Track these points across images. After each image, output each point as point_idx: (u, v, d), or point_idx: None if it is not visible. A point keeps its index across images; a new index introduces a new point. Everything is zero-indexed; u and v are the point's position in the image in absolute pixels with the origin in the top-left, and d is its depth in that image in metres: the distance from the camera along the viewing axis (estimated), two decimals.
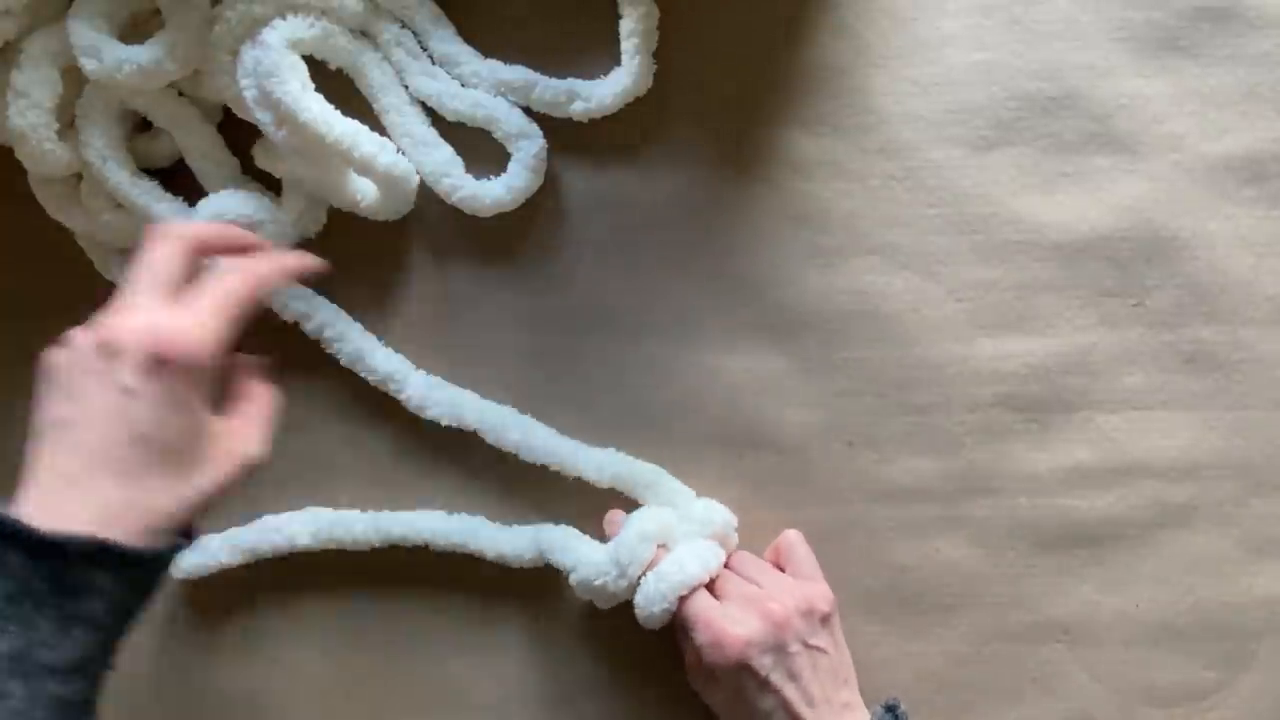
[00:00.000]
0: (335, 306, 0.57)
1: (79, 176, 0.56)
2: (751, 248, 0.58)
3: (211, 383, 0.43)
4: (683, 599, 0.51)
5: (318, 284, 0.58)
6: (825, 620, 0.51)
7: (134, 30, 0.54)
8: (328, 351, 0.57)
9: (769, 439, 0.57)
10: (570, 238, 0.58)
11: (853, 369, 0.57)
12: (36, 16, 0.53)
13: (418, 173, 0.57)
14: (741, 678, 0.49)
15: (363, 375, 0.57)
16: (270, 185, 0.58)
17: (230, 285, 0.43)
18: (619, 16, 0.55)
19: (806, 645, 0.50)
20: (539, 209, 0.58)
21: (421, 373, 0.57)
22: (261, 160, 0.56)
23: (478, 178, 0.57)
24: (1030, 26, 0.57)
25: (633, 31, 0.55)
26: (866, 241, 0.57)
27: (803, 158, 0.57)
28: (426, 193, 0.57)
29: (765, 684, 0.49)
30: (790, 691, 0.49)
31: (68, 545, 0.38)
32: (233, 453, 0.44)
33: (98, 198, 0.56)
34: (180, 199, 0.56)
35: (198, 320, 0.42)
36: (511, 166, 0.56)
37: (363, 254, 0.58)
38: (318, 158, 0.54)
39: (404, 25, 0.57)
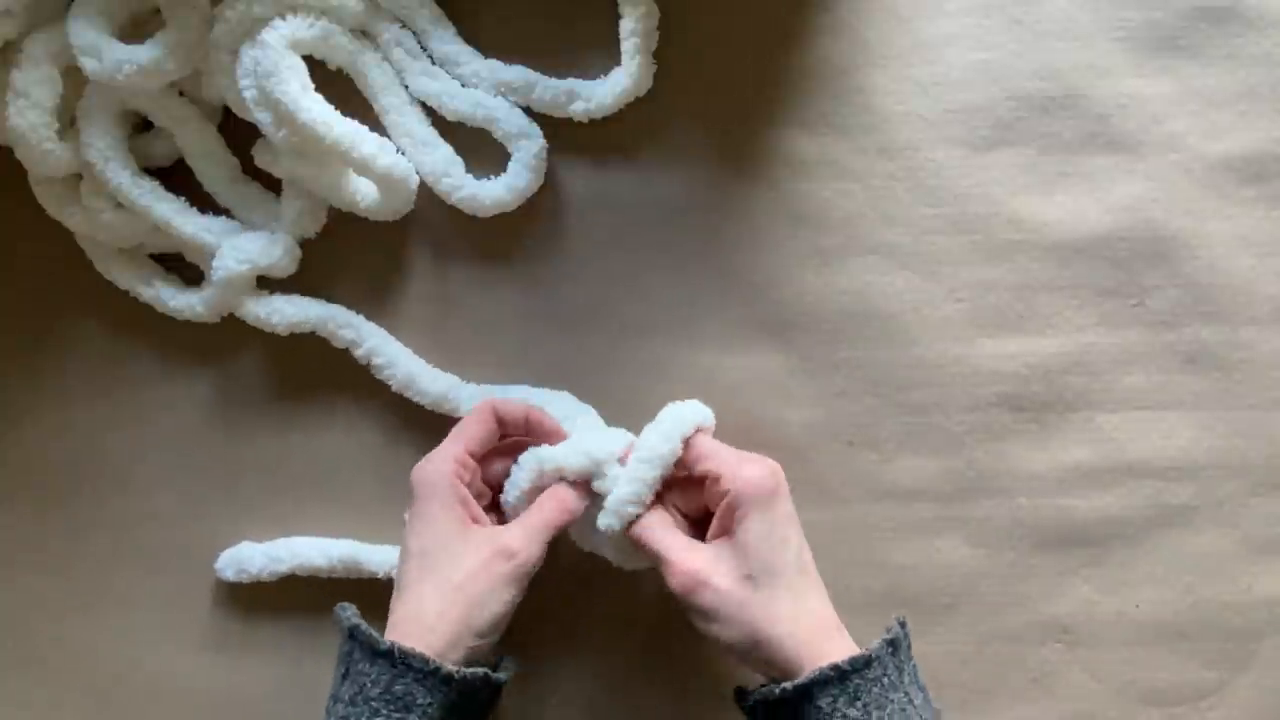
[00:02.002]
0: (383, 332, 0.57)
1: (79, 176, 0.56)
2: (751, 248, 0.58)
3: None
4: (688, 443, 0.51)
5: (317, 285, 0.58)
6: None
7: (134, 30, 0.54)
8: (378, 378, 0.57)
9: (769, 439, 0.57)
10: (570, 238, 0.58)
11: (853, 369, 0.57)
12: (36, 16, 0.53)
13: (418, 173, 0.57)
14: (777, 505, 0.49)
15: (415, 399, 0.56)
16: (270, 185, 0.58)
17: (550, 516, 0.50)
18: (619, 16, 0.55)
19: None
20: (539, 209, 0.58)
21: (472, 385, 0.56)
22: (261, 160, 0.56)
23: (478, 178, 0.57)
24: (1030, 26, 0.57)
25: (633, 31, 0.55)
26: (866, 241, 0.57)
27: (803, 158, 0.57)
28: (426, 193, 0.57)
29: (791, 515, 0.50)
30: (799, 528, 0.50)
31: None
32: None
33: (98, 198, 0.56)
34: (182, 199, 0.56)
35: (524, 532, 0.50)
36: (511, 166, 0.56)
37: (363, 254, 0.58)
38: (317, 158, 0.54)
39: (404, 25, 0.57)
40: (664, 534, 0.50)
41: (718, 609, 0.47)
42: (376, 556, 0.57)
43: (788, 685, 0.46)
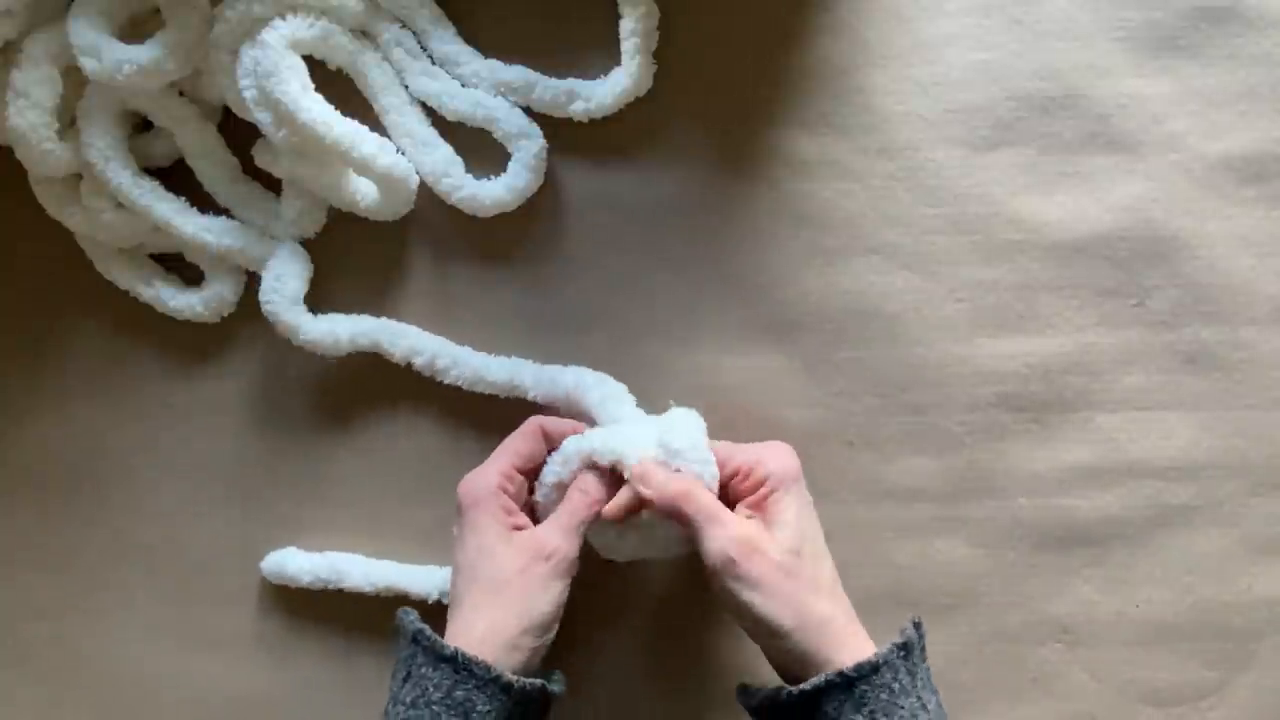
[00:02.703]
0: (440, 338, 0.57)
1: (79, 176, 0.56)
2: (751, 248, 0.58)
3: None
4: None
5: (318, 285, 0.58)
6: None
7: (134, 30, 0.54)
8: (444, 381, 0.56)
9: (769, 439, 0.57)
10: (570, 238, 0.58)
11: (853, 369, 0.57)
12: (36, 16, 0.53)
13: (418, 173, 0.57)
14: (804, 486, 0.50)
15: (485, 391, 0.56)
16: (270, 185, 0.58)
17: (578, 509, 0.51)
18: (619, 16, 0.55)
19: None
20: (539, 209, 0.58)
21: (534, 365, 0.56)
22: (261, 160, 0.56)
23: (478, 178, 0.57)
24: (1030, 26, 0.57)
25: (633, 31, 0.55)
26: (867, 241, 0.57)
27: (803, 158, 0.57)
28: (426, 193, 0.57)
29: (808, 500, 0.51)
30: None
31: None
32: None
33: (98, 197, 0.56)
34: (182, 199, 0.56)
35: (558, 530, 0.50)
36: (511, 166, 0.56)
37: (363, 254, 0.58)
38: (317, 158, 0.54)
39: (404, 25, 0.57)
40: (710, 498, 0.49)
41: (765, 578, 0.47)
42: (420, 581, 0.56)
43: (794, 690, 0.46)
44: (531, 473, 0.53)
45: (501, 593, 0.48)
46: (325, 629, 0.58)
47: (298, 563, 0.57)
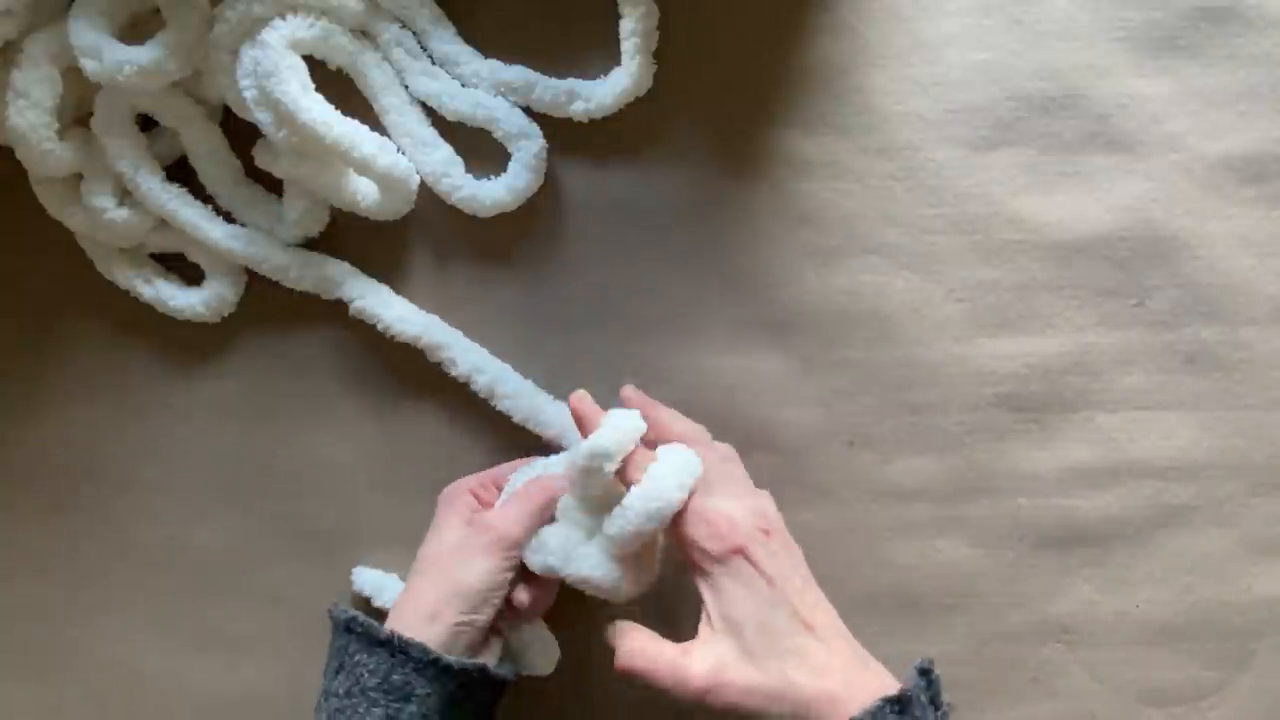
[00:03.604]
0: (503, 364, 0.57)
1: (79, 176, 0.56)
2: (751, 248, 0.58)
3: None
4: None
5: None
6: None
7: (134, 30, 0.54)
8: (496, 406, 0.56)
9: (769, 439, 0.57)
10: (570, 238, 0.58)
11: (852, 369, 0.57)
12: (36, 16, 0.53)
13: (418, 173, 0.57)
14: (740, 566, 0.46)
15: (534, 430, 0.56)
16: (271, 185, 0.58)
17: (532, 492, 0.51)
18: (619, 16, 0.55)
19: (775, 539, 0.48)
20: (539, 209, 0.58)
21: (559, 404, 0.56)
22: (262, 160, 0.56)
23: (478, 178, 0.57)
24: (1030, 26, 0.57)
25: (633, 31, 0.55)
26: (866, 241, 0.57)
27: (803, 158, 0.57)
28: (426, 193, 0.57)
29: (768, 577, 0.46)
30: (787, 583, 0.47)
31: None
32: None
33: (99, 197, 0.56)
34: (208, 207, 0.57)
35: (502, 510, 0.51)
36: (511, 166, 0.56)
37: (363, 254, 0.58)
38: (318, 158, 0.54)
39: (404, 25, 0.57)
40: (653, 653, 0.46)
41: (748, 698, 0.44)
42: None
43: None
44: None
45: (439, 566, 0.48)
46: (326, 629, 0.58)
47: (377, 581, 0.57)
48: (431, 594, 0.48)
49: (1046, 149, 0.57)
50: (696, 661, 0.45)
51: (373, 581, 0.57)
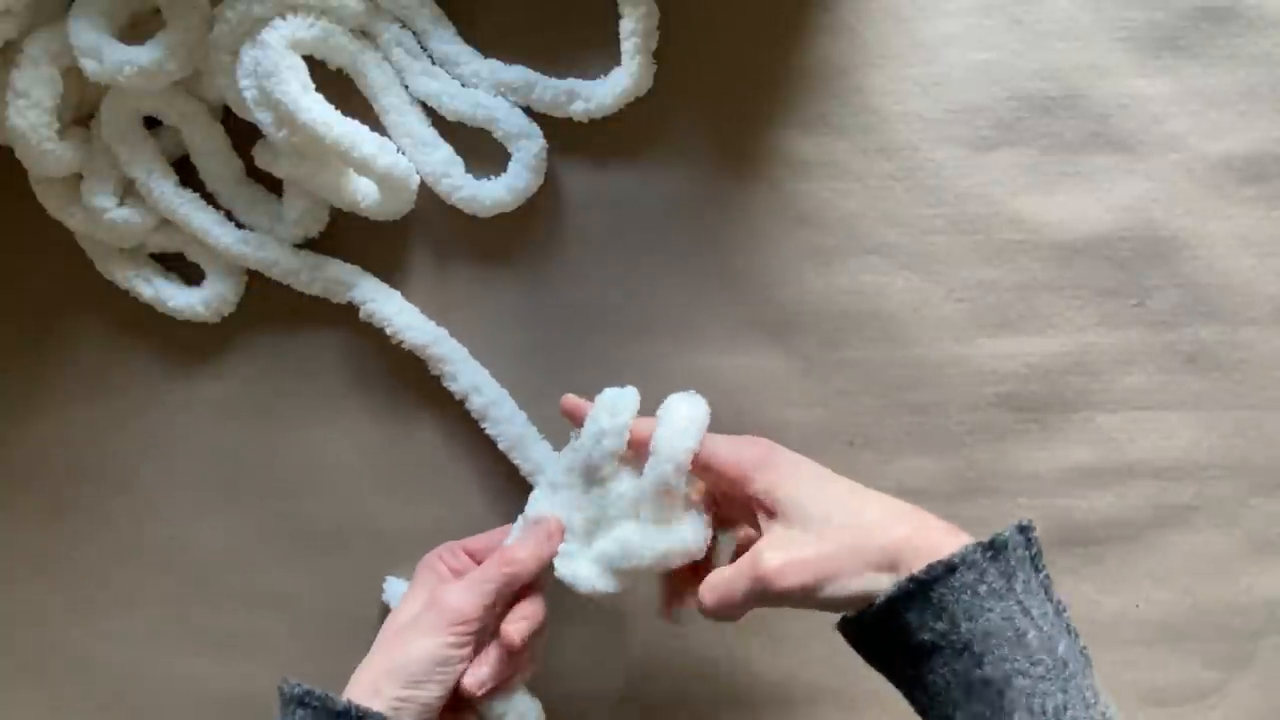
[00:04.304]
0: (501, 389, 0.57)
1: (79, 176, 0.56)
2: (751, 248, 0.58)
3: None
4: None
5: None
6: None
7: (134, 30, 0.54)
8: (486, 430, 0.57)
9: (769, 439, 0.57)
10: (570, 238, 0.58)
11: (853, 369, 0.57)
12: (36, 16, 0.53)
13: (418, 173, 0.57)
14: (780, 461, 0.47)
15: (516, 463, 0.57)
16: (271, 185, 0.58)
17: (490, 570, 0.49)
18: (619, 16, 0.55)
19: None
20: (539, 209, 0.58)
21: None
22: (262, 160, 0.56)
23: (478, 178, 0.57)
24: (1030, 26, 0.57)
25: (633, 31, 0.55)
26: (866, 241, 0.57)
27: (802, 158, 0.57)
28: (426, 193, 0.57)
29: (796, 461, 0.47)
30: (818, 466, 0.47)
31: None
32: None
33: (99, 197, 0.56)
34: (220, 211, 0.57)
35: (459, 586, 0.49)
36: (511, 166, 0.56)
37: (363, 254, 0.58)
38: (318, 158, 0.54)
39: (404, 25, 0.57)
40: (726, 577, 0.46)
41: (830, 563, 0.43)
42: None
43: (869, 610, 0.42)
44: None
45: (384, 637, 0.48)
46: (326, 630, 0.58)
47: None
48: (377, 667, 0.46)
49: (1047, 149, 0.57)
50: (767, 556, 0.44)
51: (401, 593, 0.57)
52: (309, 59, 0.54)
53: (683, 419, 0.49)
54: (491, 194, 0.56)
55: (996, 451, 0.57)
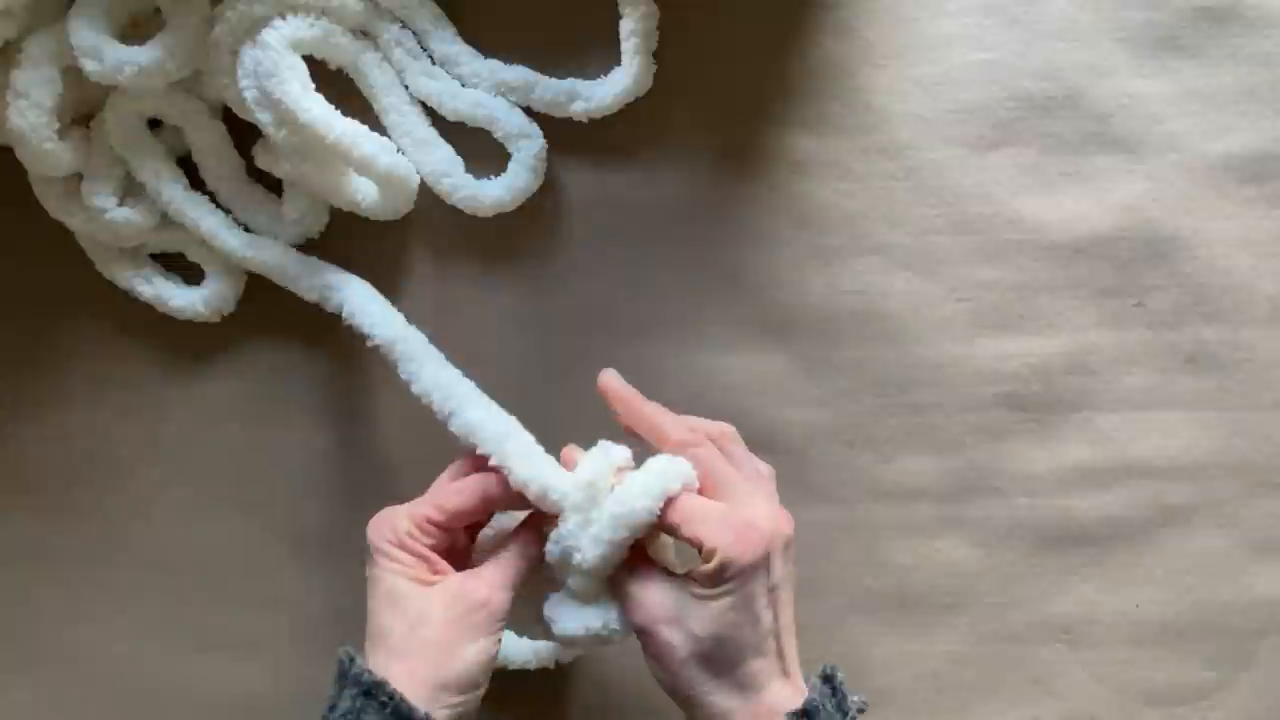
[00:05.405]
0: (466, 382, 0.52)
1: (79, 176, 0.56)
2: (751, 248, 0.58)
3: None
4: (669, 503, 0.46)
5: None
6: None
7: (134, 30, 0.54)
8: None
9: (769, 439, 0.57)
10: (570, 238, 0.58)
11: (853, 369, 0.57)
12: (36, 16, 0.53)
13: (418, 173, 0.57)
14: (758, 578, 0.45)
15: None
16: (271, 185, 0.58)
17: (516, 562, 0.48)
18: (619, 16, 0.55)
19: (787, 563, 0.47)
20: (539, 209, 0.58)
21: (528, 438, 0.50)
22: (262, 160, 0.56)
23: (478, 178, 0.57)
24: (1030, 26, 0.57)
25: (633, 31, 0.55)
26: (867, 241, 0.57)
27: (803, 158, 0.57)
28: (426, 193, 0.57)
29: (776, 586, 0.45)
30: (784, 606, 0.46)
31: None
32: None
33: (99, 197, 0.56)
34: (229, 215, 0.57)
35: (488, 582, 0.47)
36: (511, 166, 0.56)
37: (363, 254, 0.58)
38: (318, 158, 0.54)
39: (404, 25, 0.57)
40: (632, 571, 0.47)
41: (661, 658, 0.45)
42: (515, 651, 0.55)
43: None
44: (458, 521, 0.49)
45: (428, 646, 0.45)
46: (326, 629, 0.58)
47: None
48: (425, 679, 0.44)
49: (1047, 149, 0.57)
50: (663, 601, 0.45)
51: None
52: (309, 59, 0.54)
53: (647, 483, 0.46)
54: (491, 194, 0.56)
55: (996, 451, 0.57)
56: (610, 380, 0.51)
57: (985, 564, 0.57)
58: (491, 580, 0.47)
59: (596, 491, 0.47)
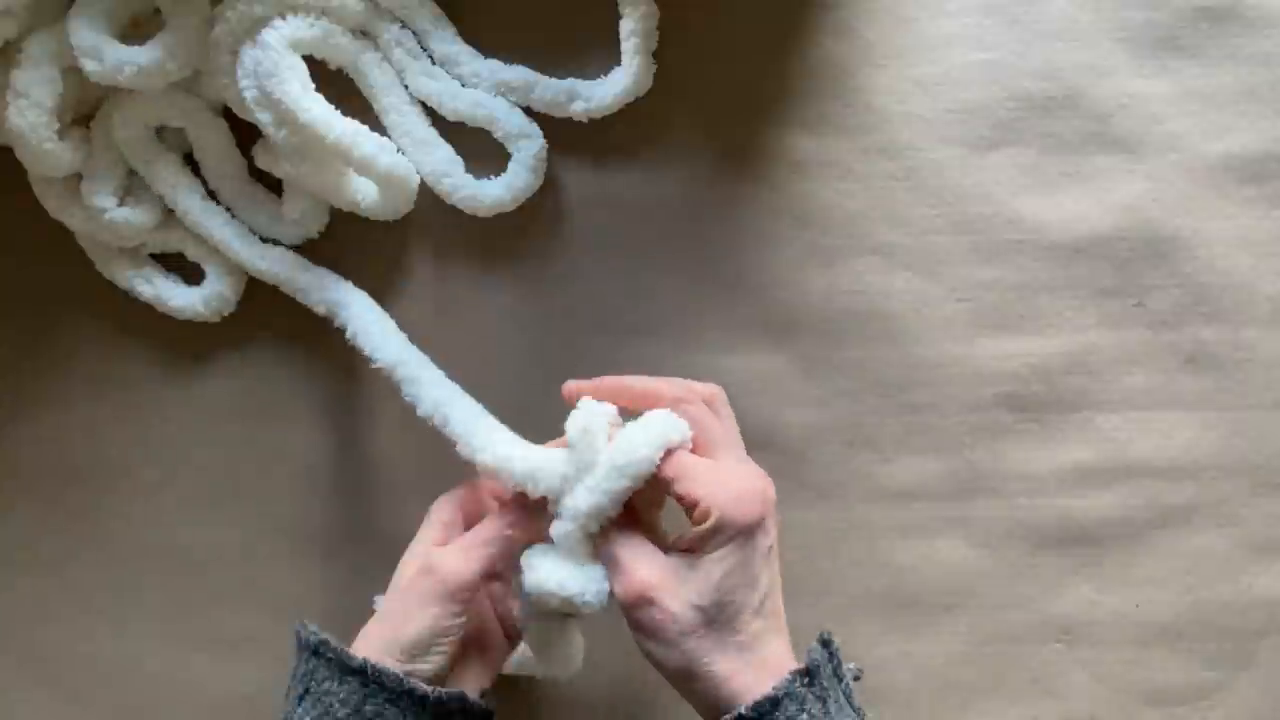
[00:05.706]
0: (470, 403, 0.51)
1: (79, 176, 0.56)
2: (751, 248, 0.58)
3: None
4: (666, 457, 0.45)
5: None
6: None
7: (134, 30, 0.54)
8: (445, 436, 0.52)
9: (769, 439, 0.57)
10: (570, 238, 0.58)
11: (853, 369, 0.57)
12: (36, 16, 0.53)
13: (418, 173, 0.57)
14: (758, 538, 0.44)
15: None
16: (271, 185, 0.58)
17: (485, 533, 0.47)
18: (619, 16, 0.55)
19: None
20: (539, 209, 0.58)
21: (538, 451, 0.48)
22: (262, 160, 0.56)
23: (478, 178, 0.57)
24: (1030, 26, 0.57)
25: (633, 31, 0.55)
26: (867, 241, 0.57)
27: (803, 158, 0.58)
28: (426, 193, 0.57)
29: (770, 550, 0.45)
30: (774, 565, 0.45)
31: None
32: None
33: (99, 197, 0.56)
34: (244, 225, 0.57)
35: (454, 548, 0.47)
36: (511, 166, 0.56)
37: (362, 254, 0.58)
38: (318, 158, 0.54)
39: (404, 25, 0.57)
40: (622, 538, 0.45)
41: (658, 631, 0.43)
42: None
43: None
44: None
45: (388, 604, 0.47)
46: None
47: None
48: (378, 636, 0.45)
49: (1046, 149, 0.57)
50: (645, 569, 0.44)
51: None
52: (309, 59, 0.54)
53: (647, 432, 0.45)
54: (491, 194, 0.56)
55: (996, 451, 0.57)
56: (573, 384, 0.50)
57: (985, 564, 0.57)
58: (454, 547, 0.47)
59: (593, 438, 0.45)
